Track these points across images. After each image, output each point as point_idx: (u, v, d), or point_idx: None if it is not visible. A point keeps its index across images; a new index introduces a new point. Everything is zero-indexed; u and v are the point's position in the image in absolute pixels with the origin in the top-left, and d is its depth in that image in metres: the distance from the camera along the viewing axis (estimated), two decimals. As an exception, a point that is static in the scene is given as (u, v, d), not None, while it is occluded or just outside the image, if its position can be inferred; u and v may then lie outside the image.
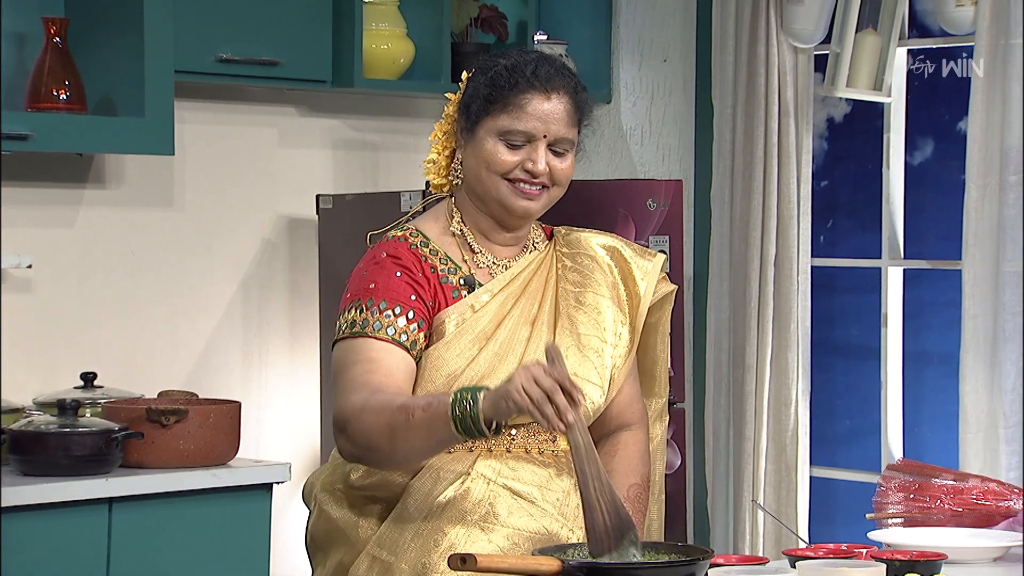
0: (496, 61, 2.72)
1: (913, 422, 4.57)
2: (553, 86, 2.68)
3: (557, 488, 2.70)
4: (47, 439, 3.62)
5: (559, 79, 2.69)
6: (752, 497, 4.52)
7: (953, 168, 4.48)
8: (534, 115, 2.67)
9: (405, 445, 2.51)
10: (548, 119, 2.67)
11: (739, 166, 4.59)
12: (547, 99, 2.67)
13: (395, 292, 2.64)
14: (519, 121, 2.66)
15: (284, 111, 4.51)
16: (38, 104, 3.84)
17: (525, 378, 2.38)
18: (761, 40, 4.51)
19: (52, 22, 3.87)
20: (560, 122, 2.68)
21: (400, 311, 2.63)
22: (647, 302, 2.80)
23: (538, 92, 2.67)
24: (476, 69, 2.75)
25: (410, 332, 2.63)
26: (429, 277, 2.68)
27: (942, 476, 3.24)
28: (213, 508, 3.80)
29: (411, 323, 2.63)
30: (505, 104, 2.67)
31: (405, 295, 2.65)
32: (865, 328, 4.71)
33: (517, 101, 2.66)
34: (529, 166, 2.67)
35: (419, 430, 2.48)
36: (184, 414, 3.77)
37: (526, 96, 2.67)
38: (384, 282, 2.65)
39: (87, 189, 4.18)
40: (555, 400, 2.39)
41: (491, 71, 2.70)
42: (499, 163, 2.67)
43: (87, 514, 3.61)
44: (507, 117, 2.67)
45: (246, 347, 4.45)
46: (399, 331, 2.62)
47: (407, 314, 2.63)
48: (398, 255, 2.68)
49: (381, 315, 2.62)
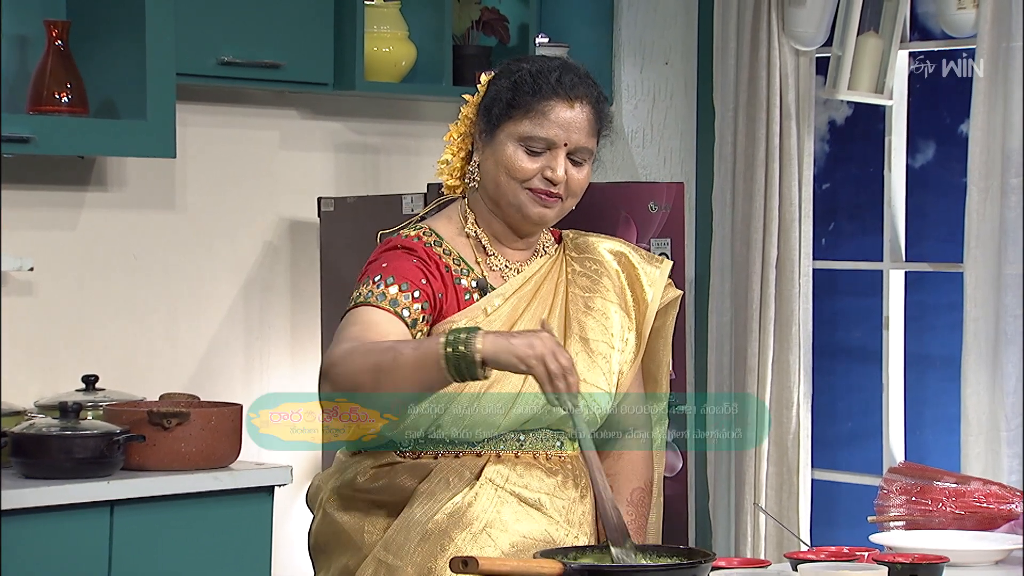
0: (520, 66, 2.72)
1: (914, 425, 4.56)
2: (577, 94, 2.68)
3: (565, 496, 2.71)
4: (48, 442, 3.62)
5: (583, 88, 2.69)
6: (754, 500, 4.51)
7: (954, 171, 4.47)
8: (556, 123, 2.67)
9: (390, 386, 2.46)
10: (570, 127, 2.68)
11: (740, 168, 4.58)
12: (570, 107, 2.68)
13: (406, 272, 2.64)
14: (541, 128, 2.67)
15: (286, 114, 4.52)
16: (40, 107, 3.85)
17: (544, 347, 2.40)
18: (763, 43, 4.51)
19: (54, 25, 3.87)
20: (581, 131, 2.69)
21: (407, 288, 2.62)
22: (654, 309, 2.81)
23: (562, 100, 2.67)
24: (498, 72, 2.74)
25: (412, 310, 2.61)
26: (443, 273, 2.69)
27: (944, 479, 3.24)
28: (215, 511, 3.80)
29: (415, 302, 2.62)
30: (528, 110, 2.67)
31: (415, 277, 2.64)
32: (866, 331, 4.70)
33: (540, 108, 2.67)
34: (548, 174, 2.68)
35: (406, 369, 2.45)
36: (186, 417, 3.77)
37: (549, 103, 2.67)
38: (396, 263, 2.65)
39: (89, 192, 4.18)
40: (568, 379, 2.42)
41: (515, 75, 2.70)
42: (518, 170, 2.68)
43: (88, 517, 3.61)
44: (529, 123, 2.67)
45: (248, 350, 4.45)
46: (402, 305, 2.61)
47: (413, 293, 2.62)
48: (413, 248, 2.69)
49: (387, 288, 2.62)
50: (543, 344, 2.41)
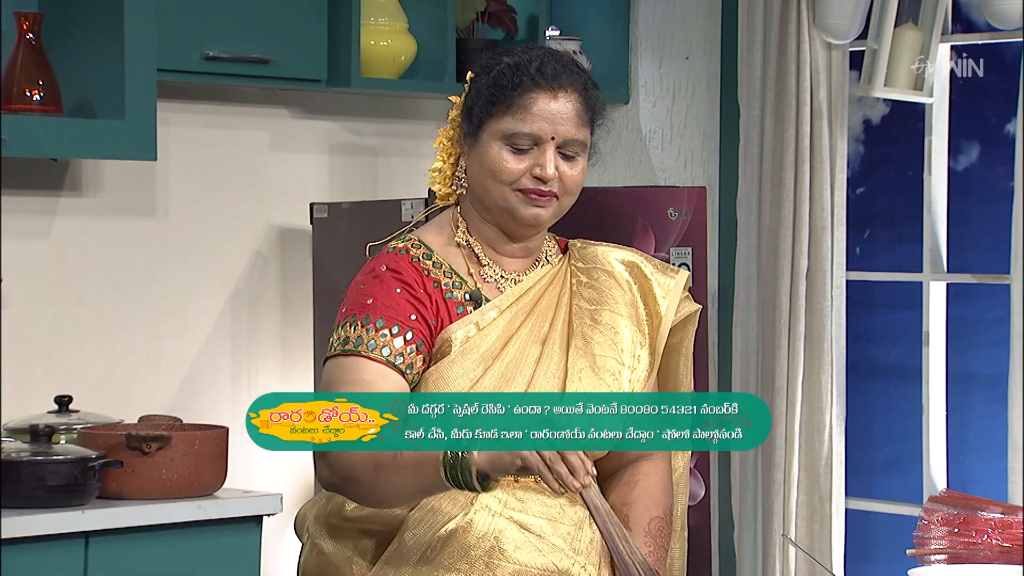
0: (499, 59, 2.73)
1: (958, 450, 4.59)
2: (560, 83, 2.69)
3: (568, 521, 2.69)
4: (18, 468, 3.62)
5: (566, 76, 2.70)
6: (782, 531, 4.52)
7: (1000, 174, 4.50)
8: (540, 115, 2.67)
9: (388, 484, 2.52)
10: (556, 119, 2.67)
11: (768, 172, 4.60)
12: (554, 98, 2.68)
13: (394, 310, 2.64)
14: (524, 123, 2.67)
15: (276, 113, 4.53)
16: (9, 106, 3.85)
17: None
18: (792, 36, 4.52)
19: (25, 17, 3.88)
20: (569, 122, 2.68)
21: (398, 331, 2.63)
22: (668, 322, 2.80)
23: (544, 91, 2.68)
24: (479, 69, 2.76)
25: (406, 354, 2.63)
26: (432, 293, 2.68)
27: (989, 509, 3.25)
28: (198, 542, 3.79)
29: (408, 344, 2.63)
30: (509, 105, 2.68)
31: (405, 314, 2.65)
32: (905, 347, 4.73)
33: (521, 101, 2.67)
34: (537, 172, 2.68)
35: (406, 470, 2.49)
36: (167, 441, 3.77)
37: (531, 95, 2.67)
38: (383, 298, 2.65)
39: (62, 197, 4.19)
40: (568, 460, 2.40)
41: (494, 70, 2.71)
42: (505, 172, 2.68)
43: (62, 549, 3.61)
44: (511, 119, 2.68)
45: (235, 368, 4.45)
46: (395, 352, 2.62)
47: (405, 335, 2.64)
48: (399, 269, 2.69)
49: (377, 334, 2.63)
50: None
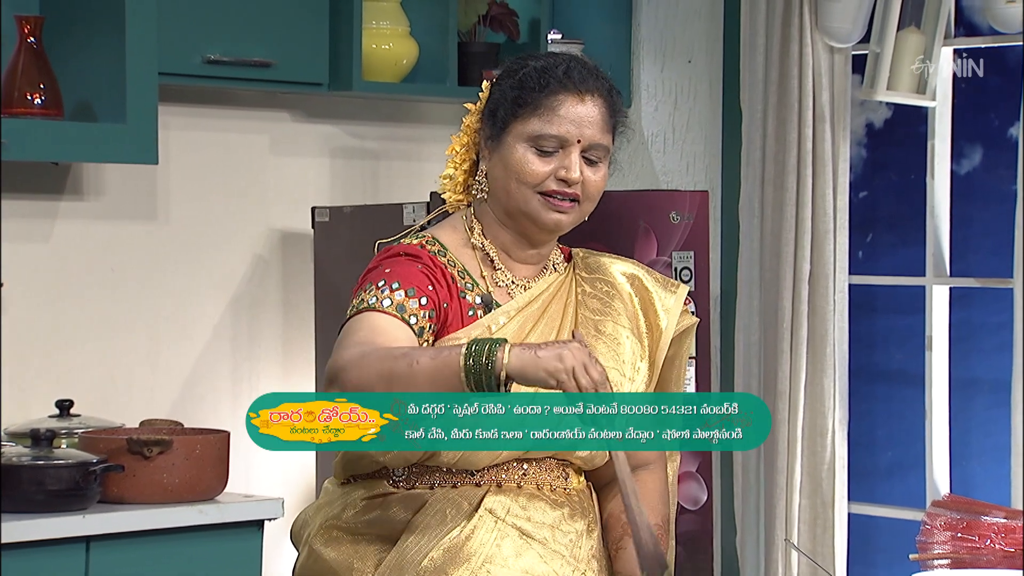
0: (524, 63, 2.74)
1: (960, 455, 4.56)
2: (587, 87, 2.70)
3: (570, 529, 2.71)
4: (19, 472, 3.63)
5: (593, 81, 2.71)
6: (785, 536, 4.51)
7: (1003, 178, 4.48)
8: (567, 118, 2.68)
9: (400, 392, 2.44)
10: (582, 122, 2.69)
11: (770, 175, 4.58)
12: (581, 101, 2.70)
13: (411, 277, 2.64)
14: (551, 124, 2.68)
15: (277, 116, 4.53)
16: (11, 109, 3.85)
17: (575, 359, 2.39)
18: (794, 39, 4.51)
19: (26, 20, 3.88)
20: (594, 126, 2.70)
21: (414, 293, 2.62)
22: (668, 337, 2.82)
23: (571, 94, 2.69)
24: (502, 73, 2.76)
25: (419, 317, 2.61)
26: (449, 283, 2.69)
27: (992, 513, 3.24)
28: (199, 547, 3.80)
29: (423, 309, 2.62)
30: (536, 107, 2.68)
31: (422, 283, 2.64)
32: (908, 352, 4.70)
33: (548, 103, 2.68)
34: (562, 174, 2.69)
35: (422, 378, 2.43)
36: (168, 445, 3.77)
37: (558, 98, 2.68)
38: (400, 270, 2.65)
39: (63, 201, 4.19)
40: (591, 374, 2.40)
41: (519, 74, 2.72)
42: (530, 174, 2.69)
43: (62, 554, 3.61)
44: (538, 120, 2.69)
45: (236, 372, 4.46)
46: (409, 312, 2.60)
47: (420, 299, 2.62)
48: (418, 255, 2.69)
49: (392, 293, 2.61)
50: (573, 356, 2.41)
